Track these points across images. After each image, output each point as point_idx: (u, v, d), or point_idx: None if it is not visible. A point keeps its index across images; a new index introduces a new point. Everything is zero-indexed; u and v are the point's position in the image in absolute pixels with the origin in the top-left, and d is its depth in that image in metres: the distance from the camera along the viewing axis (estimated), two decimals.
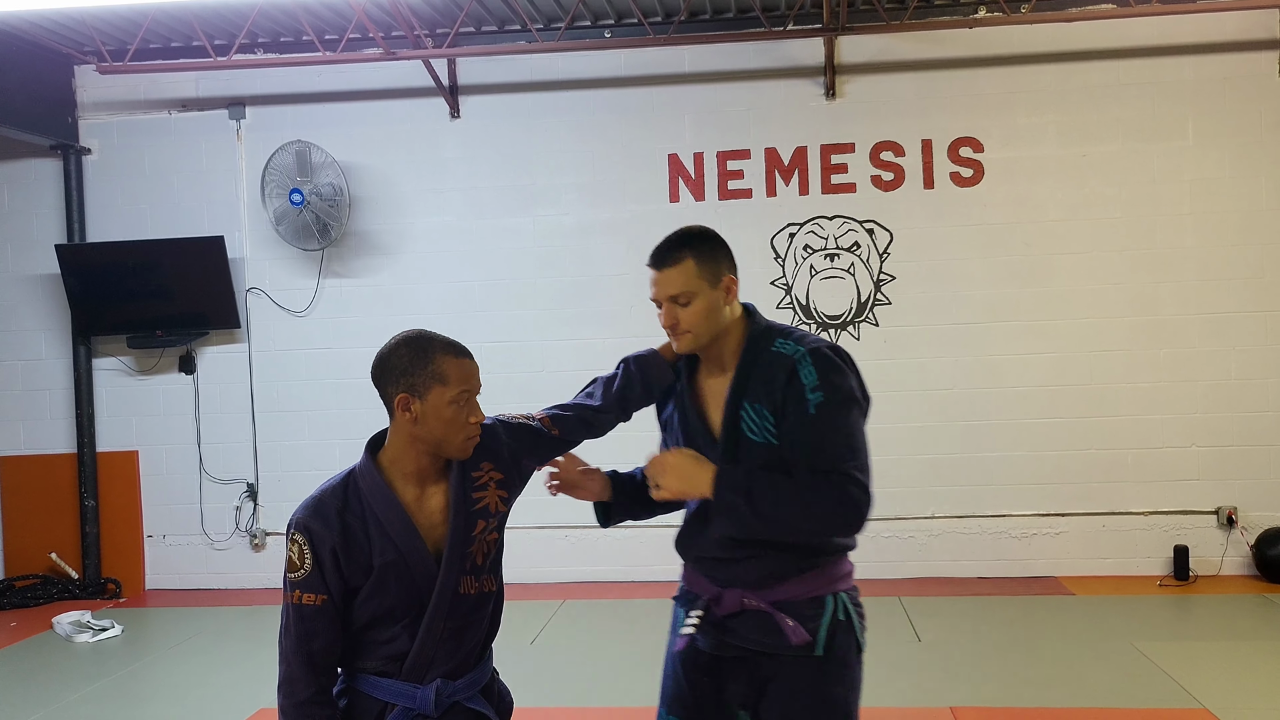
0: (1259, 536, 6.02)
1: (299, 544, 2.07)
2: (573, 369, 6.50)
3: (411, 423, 2.07)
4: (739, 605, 2.24)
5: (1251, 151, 6.08)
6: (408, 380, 2.07)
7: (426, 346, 2.09)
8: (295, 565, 2.07)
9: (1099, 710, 4.11)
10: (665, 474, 2.20)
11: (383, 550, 2.08)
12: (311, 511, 2.09)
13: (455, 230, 6.65)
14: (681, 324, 2.27)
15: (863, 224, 6.37)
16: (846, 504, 2.10)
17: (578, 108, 6.57)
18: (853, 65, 6.36)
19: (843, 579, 2.28)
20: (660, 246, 2.34)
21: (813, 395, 2.14)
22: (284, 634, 2.08)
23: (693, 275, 2.28)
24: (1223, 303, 6.09)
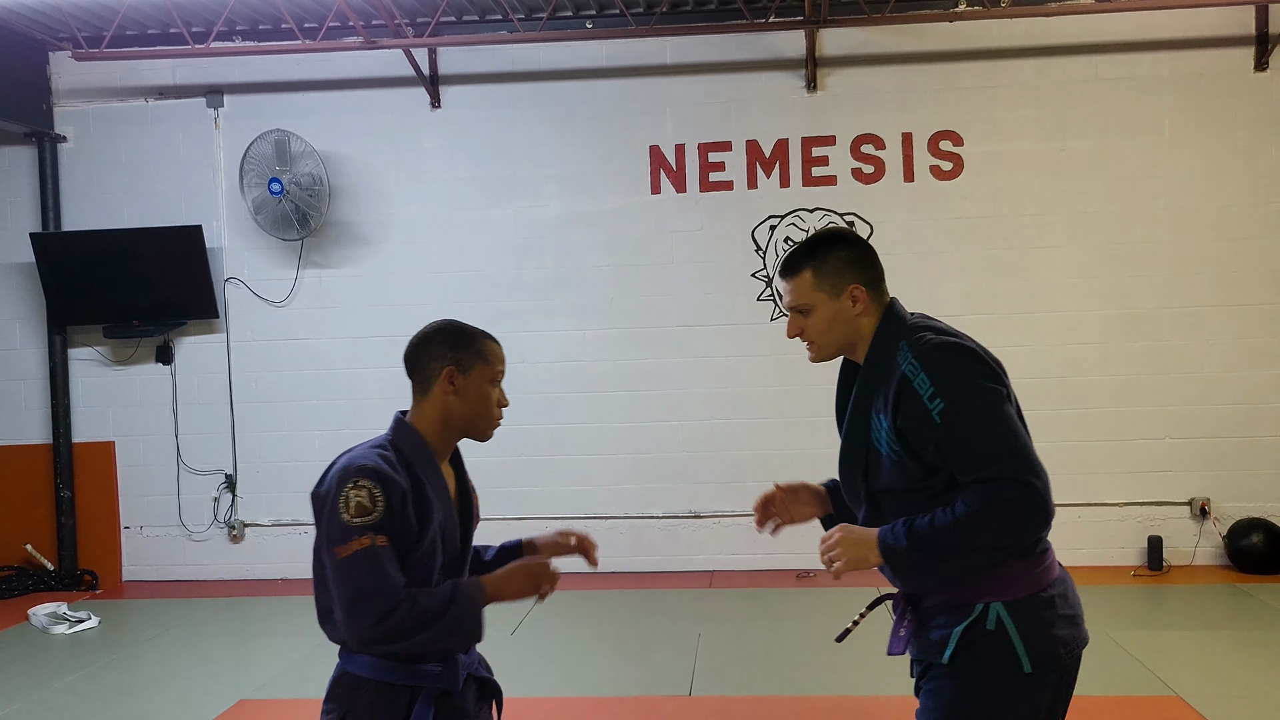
0: (1231, 527, 6.11)
1: (367, 488, 2.00)
2: (552, 361, 6.53)
3: (453, 394, 2.14)
4: (906, 593, 2.18)
5: (1226, 147, 6.15)
6: (455, 355, 2.15)
7: (470, 330, 2.21)
8: (366, 508, 1.99)
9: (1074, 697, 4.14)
10: (837, 555, 2.08)
11: (437, 507, 2.10)
12: (375, 461, 2.04)
13: (435, 221, 6.63)
14: (806, 333, 2.24)
15: (843, 216, 6.40)
16: (1005, 509, 1.98)
17: (559, 99, 6.56)
18: (834, 58, 6.39)
19: (1002, 587, 2.06)
20: (789, 254, 2.30)
21: (933, 405, 2.02)
22: (363, 578, 1.96)
23: (809, 287, 2.22)
24: (1196, 296, 6.16)
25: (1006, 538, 2.01)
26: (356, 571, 1.96)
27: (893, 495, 2.15)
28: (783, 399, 6.38)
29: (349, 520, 1.99)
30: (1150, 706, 4.03)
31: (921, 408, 2.03)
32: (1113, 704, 4.07)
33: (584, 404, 6.55)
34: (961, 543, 1.99)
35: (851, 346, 2.24)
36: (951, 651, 2.05)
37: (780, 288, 2.31)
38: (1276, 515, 6.08)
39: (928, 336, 2.11)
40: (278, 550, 6.77)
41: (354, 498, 2.00)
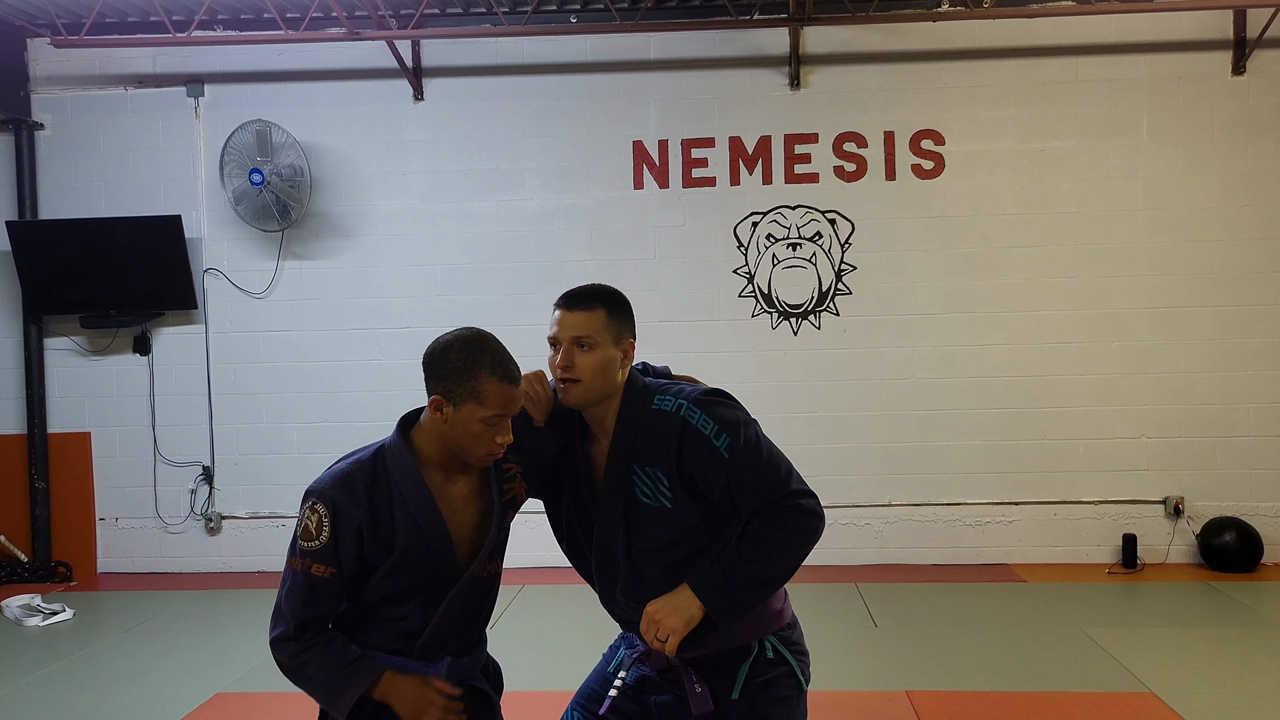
0: (1204, 526, 6.17)
1: (319, 514, 2.06)
2: (534, 355, 6.45)
3: (441, 424, 2.09)
4: (666, 662, 2.23)
5: (1204, 150, 6.21)
6: (446, 385, 2.06)
7: (477, 360, 2.05)
8: (310, 534, 2.07)
9: (1050, 694, 4.20)
10: (662, 625, 2.10)
11: (406, 531, 2.10)
12: (340, 485, 2.08)
13: (417, 213, 6.60)
14: (577, 368, 2.17)
15: (825, 214, 6.42)
16: (806, 523, 2.11)
17: (542, 92, 6.55)
18: (817, 56, 6.40)
19: (770, 621, 2.24)
20: (573, 291, 2.28)
21: (719, 441, 2.12)
22: (285, 597, 2.10)
23: (601, 325, 2.21)
24: (1173, 297, 6.22)
25: (807, 551, 2.14)
26: (284, 586, 2.11)
27: (656, 553, 2.21)
28: (763, 395, 6.37)
29: (298, 537, 2.09)
30: (1125, 703, 4.07)
31: (708, 447, 2.12)
32: (1088, 700, 4.10)
33: None
34: (775, 566, 2.10)
35: (603, 399, 2.22)
36: (741, 687, 2.18)
37: (558, 318, 2.21)
38: (1249, 514, 6.15)
39: (684, 388, 2.23)
40: (254, 543, 6.73)
41: (306, 519, 2.08)
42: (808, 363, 6.39)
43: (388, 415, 6.53)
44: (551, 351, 2.24)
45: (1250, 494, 6.20)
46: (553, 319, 2.24)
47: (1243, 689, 4.21)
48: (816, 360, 6.38)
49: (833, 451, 6.38)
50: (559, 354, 2.21)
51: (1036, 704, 4.09)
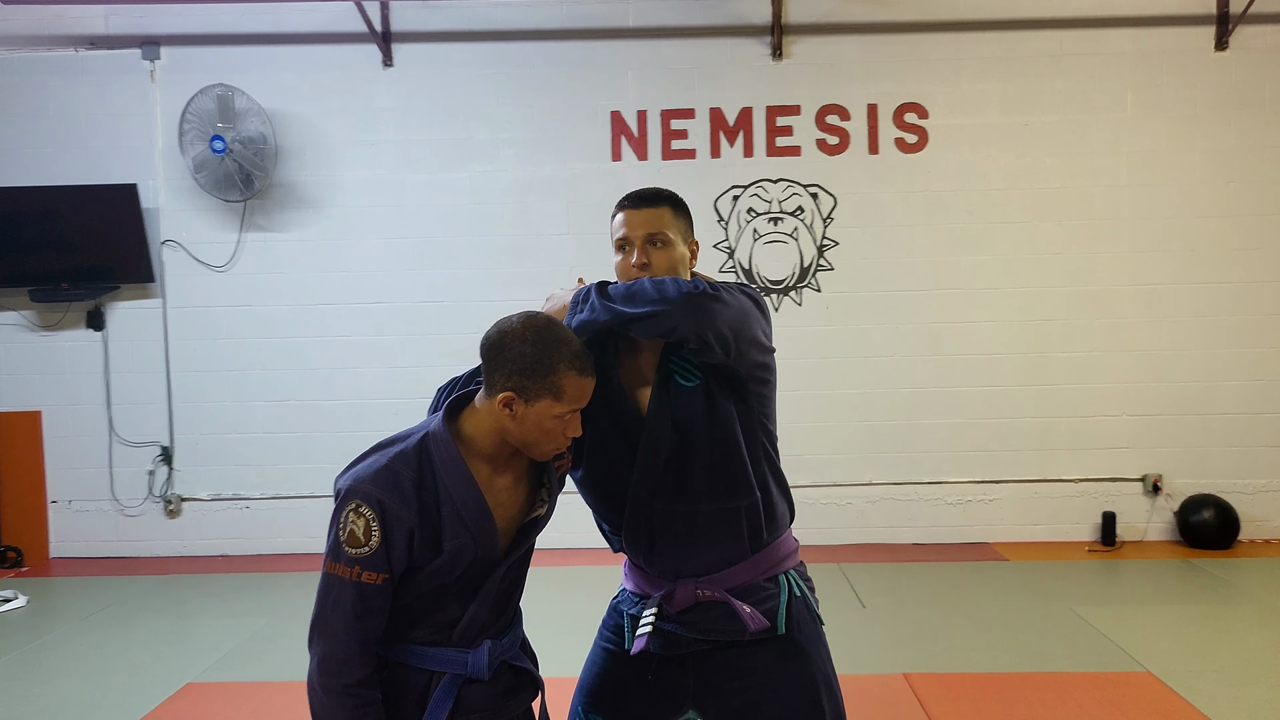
0: (1182, 503, 6.18)
1: (366, 518, 1.87)
2: None
3: (509, 418, 1.92)
4: (694, 598, 2.13)
5: (1187, 126, 6.17)
6: (520, 381, 1.90)
7: (554, 353, 1.89)
8: (358, 540, 1.88)
9: (1048, 675, 4.14)
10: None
11: (454, 533, 1.93)
12: (385, 483, 1.89)
13: (387, 184, 6.37)
14: (654, 265, 2.12)
15: (807, 188, 6.30)
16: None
17: (517, 60, 6.34)
18: (800, 26, 6.26)
19: (790, 556, 2.22)
20: (636, 191, 2.22)
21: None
22: (331, 608, 1.90)
23: (670, 220, 2.18)
24: (1157, 274, 6.20)
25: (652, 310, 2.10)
26: (329, 596, 1.91)
27: (701, 448, 2.13)
28: None
29: (341, 543, 1.89)
30: (1123, 683, 4.02)
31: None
32: (1086, 680, 4.05)
33: None
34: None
35: None
36: (784, 620, 2.13)
37: (626, 218, 2.15)
38: (1227, 491, 6.17)
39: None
40: (217, 525, 6.49)
41: (351, 524, 1.88)
42: (789, 340, 6.26)
43: (357, 393, 6.39)
44: (619, 257, 2.17)
45: (1228, 471, 6.22)
46: (617, 222, 2.18)
47: (1236, 666, 4.18)
48: (798, 337, 6.27)
49: (815, 430, 6.29)
50: (634, 253, 2.13)
51: (1035, 685, 4.02)
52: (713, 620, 2.13)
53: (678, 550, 2.14)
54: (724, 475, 2.11)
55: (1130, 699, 3.86)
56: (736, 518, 2.12)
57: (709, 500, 2.11)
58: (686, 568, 2.14)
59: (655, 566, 2.17)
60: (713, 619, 2.13)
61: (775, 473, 2.19)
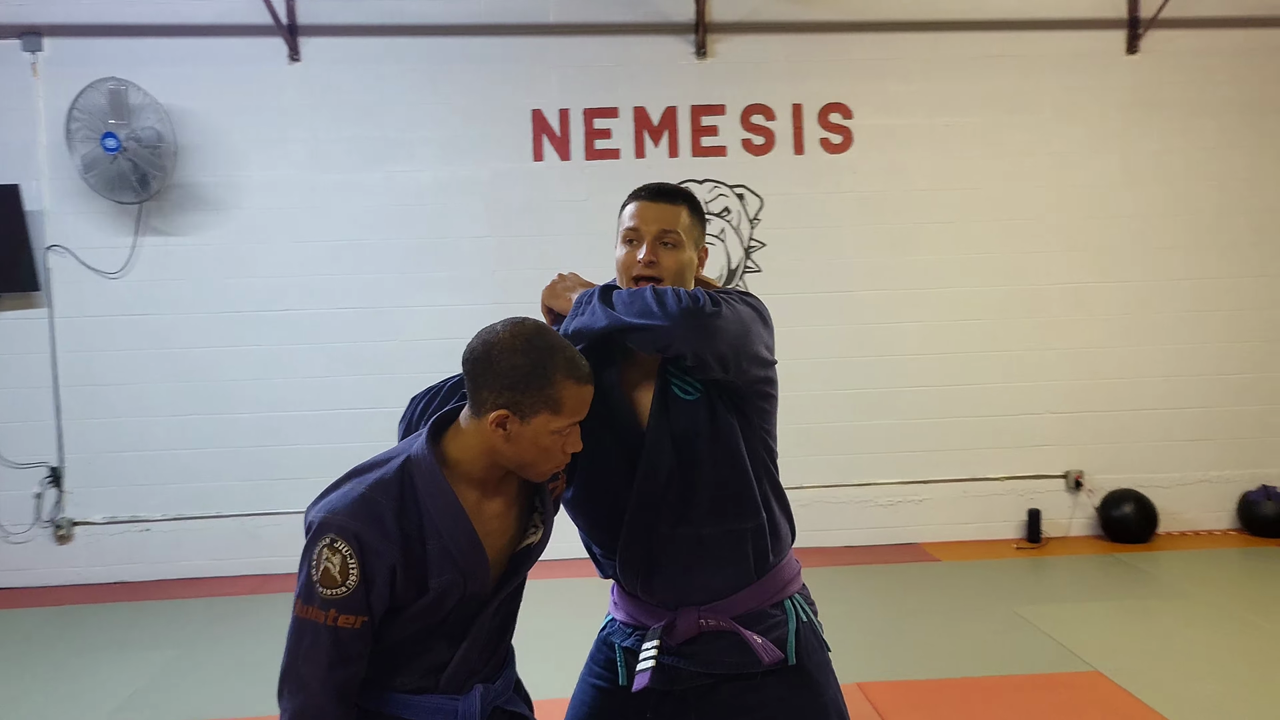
0: (1104, 498, 6.29)
1: (342, 555, 1.66)
2: (431, 338, 6.08)
3: (501, 438, 1.73)
4: (696, 628, 1.97)
5: (1104, 127, 6.28)
6: (513, 396, 1.71)
7: (548, 361, 1.72)
8: (334, 579, 1.67)
9: (1003, 679, 4.11)
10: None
11: (441, 569, 1.73)
12: (364, 515, 1.69)
13: (297, 185, 6.04)
14: (661, 265, 1.97)
15: (733, 189, 6.20)
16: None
17: (434, 55, 6.08)
18: (724, 24, 6.16)
19: (794, 579, 2.09)
20: (655, 184, 2.07)
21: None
22: (303, 658, 1.68)
23: (685, 222, 2.03)
24: (1078, 274, 6.29)
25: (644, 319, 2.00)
26: (300, 643, 1.69)
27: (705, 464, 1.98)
28: None
29: (314, 583, 1.68)
30: (1077, 684, 4.01)
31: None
32: (1041, 683, 4.03)
33: None
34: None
35: None
36: (794, 649, 1.98)
37: (640, 210, 2.01)
38: (1146, 486, 6.30)
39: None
40: (114, 550, 6.05)
41: (325, 561, 1.67)
42: None
43: (271, 405, 6.04)
44: (624, 249, 2.00)
45: (1146, 466, 6.35)
46: (629, 212, 2.02)
47: (1182, 663, 4.22)
48: None
49: None
50: (641, 248, 1.97)
51: (993, 690, 3.98)
52: (717, 651, 1.97)
53: (679, 577, 1.98)
54: (730, 495, 1.96)
55: (1087, 701, 3.84)
56: (743, 540, 1.97)
57: (714, 522, 1.96)
58: (688, 595, 1.98)
59: (654, 595, 2.00)
60: (717, 650, 1.97)
61: (777, 491, 2.06)
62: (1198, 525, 6.40)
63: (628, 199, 2.07)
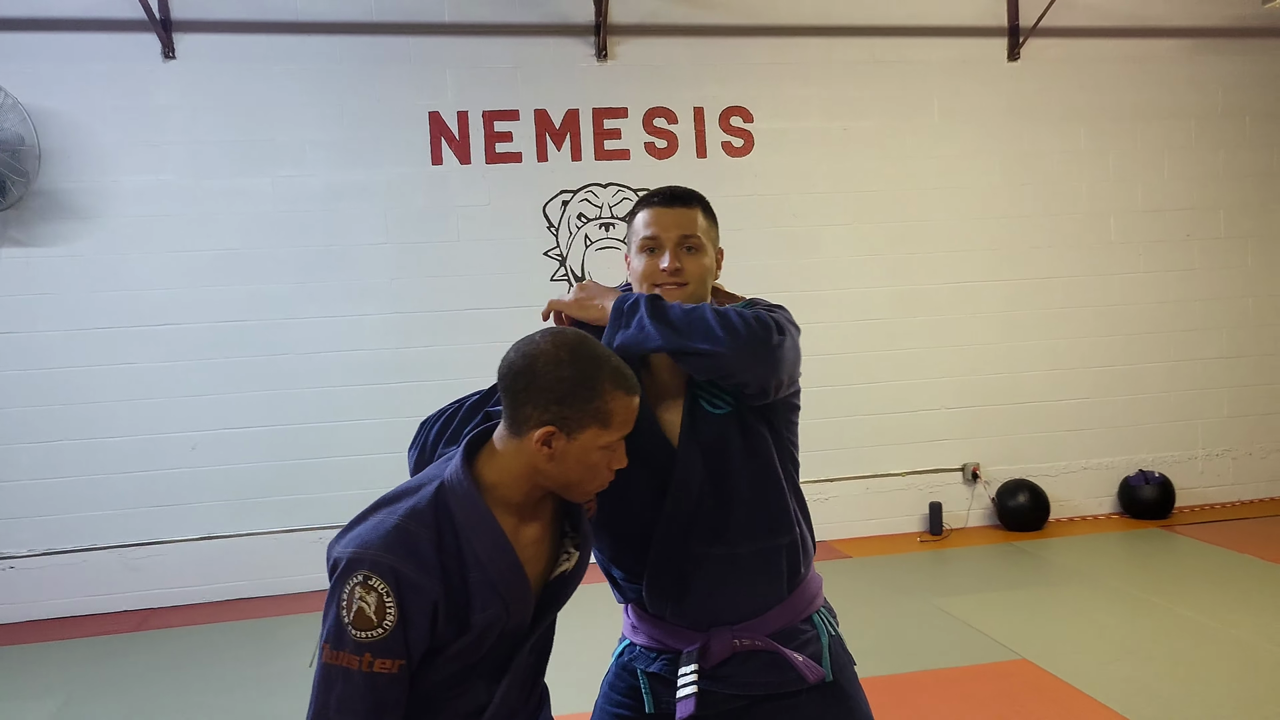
0: (999, 489, 6.52)
1: (378, 593, 1.50)
2: (325, 351, 5.82)
3: (546, 458, 1.60)
4: (730, 649, 1.89)
5: (986, 132, 6.51)
6: (560, 411, 1.58)
7: (596, 373, 1.60)
8: (369, 620, 1.51)
9: (935, 673, 4.18)
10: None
11: (485, 603, 1.58)
12: (399, 547, 1.54)
13: (175, 191, 5.66)
14: (686, 271, 1.90)
15: (637, 192, 6.15)
16: (769, 322, 1.80)
17: (323, 55, 5.80)
18: (625, 26, 6.10)
19: (819, 593, 2.03)
20: (668, 189, 1.99)
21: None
22: (334, 709, 1.53)
23: (704, 225, 1.97)
24: (967, 273, 6.50)
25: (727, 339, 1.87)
26: (330, 693, 1.54)
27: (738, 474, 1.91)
28: None
29: (346, 625, 1.53)
30: (1007, 673, 4.11)
31: None
32: (974, 674, 4.11)
33: (362, 398, 5.86)
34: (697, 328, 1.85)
35: None
36: (829, 666, 1.92)
37: (656, 217, 1.93)
38: (1037, 475, 6.56)
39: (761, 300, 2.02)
40: None
41: (359, 600, 1.52)
42: None
43: (150, 428, 5.64)
44: (643, 259, 1.91)
45: (1037, 456, 6.61)
46: (642, 221, 1.94)
47: (1099, 644, 4.38)
48: None
49: None
50: (663, 256, 1.89)
51: (928, 684, 4.04)
52: (751, 672, 1.89)
53: (712, 597, 1.89)
54: (764, 512, 1.90)
55: (1022, 690, 3.94)
56: (777, 557, 1.91)
57: (750, 540, 1.89)
58: (721, 616, 1.90)
59: (685, 616, 1.91)
60: (751, 671, 1.90)
61: (802, 503, 2.00)
62: (1084, 511, 6.71)
63: (639, 206, 1.98)
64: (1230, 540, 6.02)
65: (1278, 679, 3.94)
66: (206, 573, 5.72)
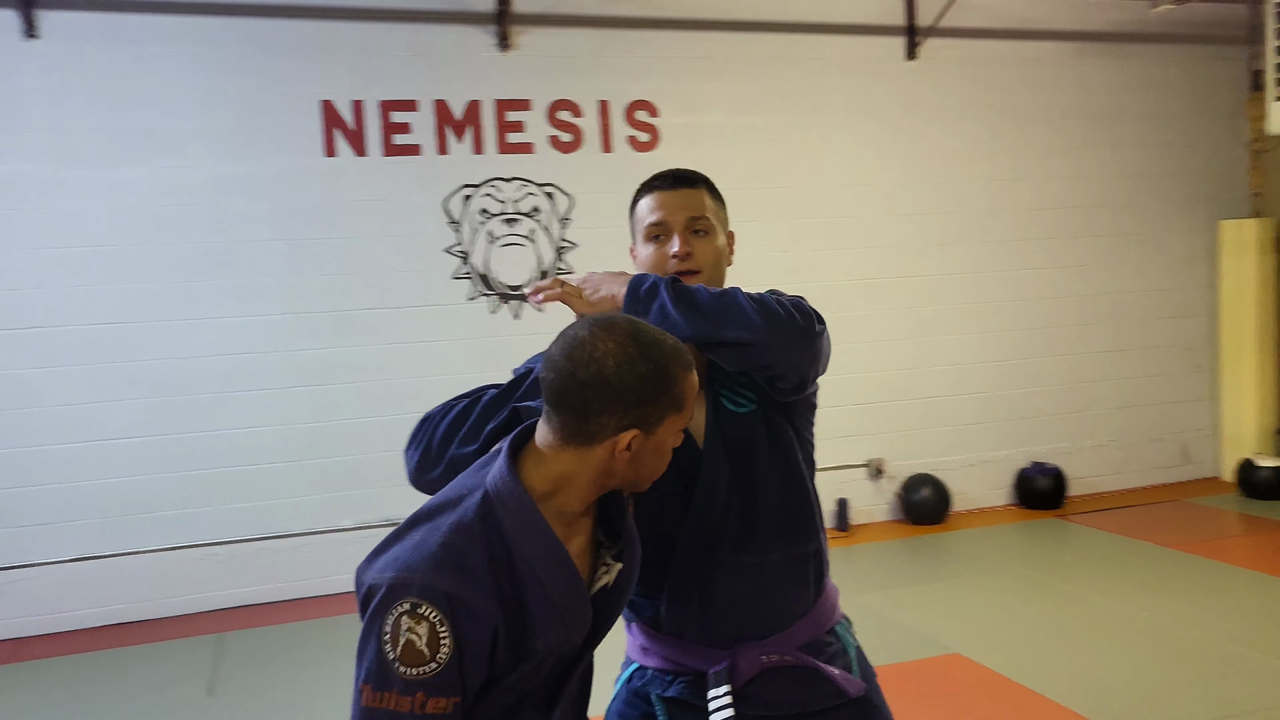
0: (903, 484, 6.58)
1: (430, 622, 1.30)
2: (212, 355, 5.45)
3: (625, 460, 1.43)
4: (758, 666, 1.75)
5: (888, 129, 6.56)
6: (641, 411, 1.41)
7: (666, 360, 1.42)
8: (420, 655, 1.30)
9: None
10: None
11: (545, 625, 1.39)
12: (450, 568, 1.34)
13: (39, 182, 5.19)
14: (697, 257, 1.78)
15: (542, 187, 5.96)
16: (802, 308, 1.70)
17: (204, 37, 5.41)
18: (527, 15, 5.89)
19: (837, 603, 1.94)
20: (670, 171, 1.87)
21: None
22: None
23: (712, 206, 1.85)
24: (871, 269, 6.54)
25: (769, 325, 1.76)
26: None
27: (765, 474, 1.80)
28: None
29: (391, 661, 1.31)
30: (942, 668, 4.11)
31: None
32: (910, 670, 4.10)
33: (254, 405, 5.50)
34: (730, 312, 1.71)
35: None
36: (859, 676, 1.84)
37: (663, 200, 1.82)
38: (938, 469, 6.65)
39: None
40: None
41: (405, 632, 1.31)
42: (532, 348, 5.80)
43: (17, 441, 5.16)
44: (650, 247, 1.82)
45: (938, 450, 6.71)
46: (647, 206, 1.83)
47: (1026, 635, 4.44)
48: (541, 345, 5.84)
49: None
50: (672, 241, 1.78)
51: None
52: (778, 690, 1.76)
53: (739, 610, 1.76)
54: (792, 516, 1.78)
55: (959, 684, 3.94)
56: (805, 565, 1.80)
57: (780, 547, 1.77)
58: (749, 631, 1.76)
59: (708, 633, 1.76)
60: (778, 688, 1.76)
61: (819, 508, 1.88)
62: (982, 503, 6.84)
63: (641, 192, 1.85)
64: (1120, 527, 6.22)
65: (1198, 660, 4.04)
66: (82, 596, 5.26)
